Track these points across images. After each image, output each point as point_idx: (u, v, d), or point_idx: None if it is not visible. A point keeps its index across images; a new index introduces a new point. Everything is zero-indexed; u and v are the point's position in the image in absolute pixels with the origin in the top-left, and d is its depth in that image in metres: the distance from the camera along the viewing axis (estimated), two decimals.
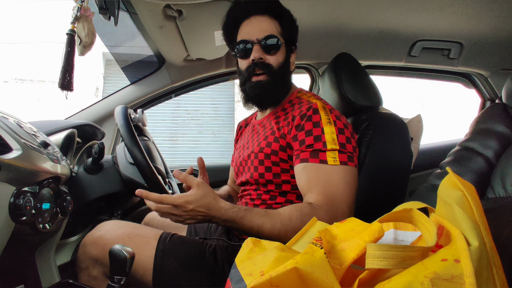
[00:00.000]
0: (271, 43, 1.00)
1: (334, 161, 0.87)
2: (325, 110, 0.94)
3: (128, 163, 1.17)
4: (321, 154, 0.88)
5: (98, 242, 0.88)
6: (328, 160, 0.87)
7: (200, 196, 0.80)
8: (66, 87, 0.98)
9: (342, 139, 0.90)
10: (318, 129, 0.90)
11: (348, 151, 0.89)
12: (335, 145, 0.88)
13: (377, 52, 1.61)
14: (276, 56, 1.02)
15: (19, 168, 0.72)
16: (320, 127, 0.90)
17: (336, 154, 0.88)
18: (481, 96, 1.78)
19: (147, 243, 0.88)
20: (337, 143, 0.89)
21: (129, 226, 0.94)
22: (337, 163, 0.87)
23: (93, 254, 0.88)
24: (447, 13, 1.31)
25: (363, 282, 0.43)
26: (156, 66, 1.66)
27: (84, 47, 1.05)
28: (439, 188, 0.49)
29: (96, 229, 0.92)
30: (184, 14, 1.18)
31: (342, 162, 0.87)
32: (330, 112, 0.94)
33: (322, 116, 0.92)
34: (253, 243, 0.55)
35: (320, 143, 0.89)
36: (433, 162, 1.61)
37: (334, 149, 0.88)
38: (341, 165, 0.87)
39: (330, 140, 0.89)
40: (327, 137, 0.89)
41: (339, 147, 0.88)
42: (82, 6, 1.00)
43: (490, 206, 0.79)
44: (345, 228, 0.52)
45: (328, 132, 0.90)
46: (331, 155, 0.88)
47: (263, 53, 1.00)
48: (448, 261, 0.37)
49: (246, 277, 0.46)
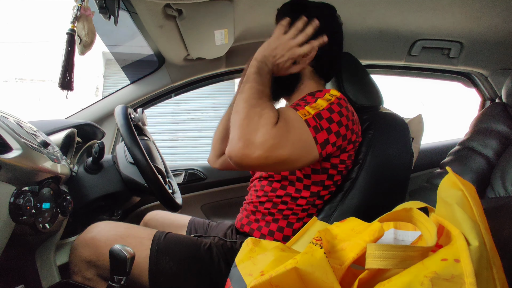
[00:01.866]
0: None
1: (302, 115, 0.81)
2: (336, 95, 0.90)
3: (128, 162, 1.17)
4: (298, 108, 0.84)
5: (90, 244, 0.87)
6: (298, 111, 0.82)
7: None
8: (66, 86, 0.98)
9: (325, 114, 0.83)
10: (312, 99, 0.89)
11: (320, 124, 0.82)
12: (314, 110, 0.83)
13: (377, 51, 1.61)
14: None
15: (19, 167, 0.72)
16: (315, 97, 0.89)
17: (307, 116, 0.81)
18: (481, 95, 1.78)
19: (141, 244, 0.88)
20: (318, 111, 0.83)
21: (122, 226, 0.93)
22: (303, 118, 0.81)
23: (85, 256, 0.87)
24: (447, 13, 1.31)
25: (363, 282, 0.43)
26: (156, 66, 1.66)
27: (84, 46, 1.05)
28: (439, 187, 0.49)
29: (88, 231, 0.91)
30: (184, 14, 1.18)
31: (306, 121, 0.80)
32: (339, 99, 0.89)
33: (326, 95, 0.89)
34: (253, 243, 0.55)
35: (304, 103, 0.87)
36: (433, 162, 1.61)
37: (310, 113, 0.82)
38: (305, 122, 0.80)
39: (313, 106, 0.84)
40: (313, 104, 0.85)
41: (314, 115, 0.82)
42: (82, 6, 1.00)
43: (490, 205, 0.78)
44: (345, 227, 0.52)
45: (318, 102, 0.86)
46: (304, 112, 0.82)
47: None
48: (448, 261, 0.37)
49: (246, 277, 0.46)
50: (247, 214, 1.02)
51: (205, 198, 1.79)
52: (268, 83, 0.86)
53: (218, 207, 1.80)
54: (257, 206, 0.99)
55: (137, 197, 1.51)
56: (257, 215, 0.99)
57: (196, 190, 1.77)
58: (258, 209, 0.99)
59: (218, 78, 1.77)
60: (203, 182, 1.78)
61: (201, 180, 1.78)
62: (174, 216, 1.21)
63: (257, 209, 0.99)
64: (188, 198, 1.73)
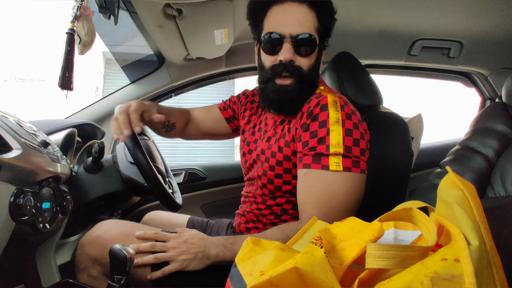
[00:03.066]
0: (306, 44, 0.86)
1: (336, 166, 0.80)
2: (335, 106, 0.84)
3: (128, 162, 1.17)
4: (323, 159, 0.82)
5: (96, 241, 0.87)
6: (330, 166, 0.81)
7: (194, 232, 0.87)
8: (66, 86, 0.98)
9: (348, 142, 0.81)
10: (323, 130, 0.82)
11: (354, 155, 0.81)
12: (339, 149, 0.80)
13: (377, 51, 1.61)
14: (308, 59, 0.88)
15: (19, 167, 0.72)
16: (326, 127, 0.82)
17: (339, 158, 0.81)
18: (481, 95, 1.78)
19: (145, 242, 0.88)
20: (342, 146, 0.80)
21: (127, 225, 0.93)
22: (340, 169, 0.80)
23: (91, 254, 0.87)
24: (447, 12, 1.31)
25: (363, 281, 0.43)
26: (156, 65, 1.66)
27: (84, 46, 1.05)
28: (439, 187, 0.49)
29: (94, 229, 0.91)
30: (184, 13, 1.18)
31: (345, 168, 0.80)
32: (341, 109, 0.84)
33: (331, 114, 0.83)
34: (253, 242, 0.55)
35: (324, 146, 0.82)
36: (433, 161, 1.61)
37: (338, 153, 0.81)
38: (344, 171, 0.80)
39: (334, 143, 0.81)
40: (332, 140, 0.81)
41: (344, 151, 0.80)
42: (82, 5, 1.00)
43: (490, 205, 0.78)
44: (345, 227, 0.52)
45: (334, 133, 0.81)
46: (334, 160, 0.81)
47: (294, 54, 0.86)
48: (448, 260, 0.37)
49: (246, 277, 0.46)
50: (246, 221, 1.02)
51: (205, 198, 1.79)
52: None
53: (218, 206, 1.81)
54: (258, 216, 0.98)
55: (137, 197, 1.51)
56: (257, 224, 0.99)
57: (196, 190, 1.77)
58: (260, 219, 0.98)
59: (218, 78, 1.77)
60: (203, 182, 1.78)
61: (201, 180, 1.78)
62: (173, 216, 1.21)
63: (258, 219, 0.98)
64: (188, 197, 1.73)
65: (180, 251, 0.82)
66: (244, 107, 1.15)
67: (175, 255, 0.82)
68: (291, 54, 0.86)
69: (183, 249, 0.82)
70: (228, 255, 0.83)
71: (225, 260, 0.83)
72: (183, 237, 0.84)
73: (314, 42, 0.87)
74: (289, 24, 0.86)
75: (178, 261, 0.82)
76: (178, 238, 0.84)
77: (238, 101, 1.18)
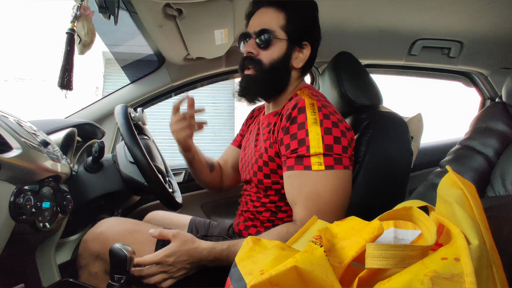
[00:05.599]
0: (263, 38, 0.96)
1: (319, 165, 0.83)
2: (312, 108, 0.87)
3: (128, 162, 1.17)
4: (305, 160, 0.84)
5: (99, 238, 0.89)
6: (312, 166, 0.83)
7: (177, 246, 0.81)
8: (65, 86, 0.98)
9: (328, 140, 0.84)
10: (302, 132, 0.85)
11: (335, 153, 0.84)
12: (319, 149, 0.83)
13: (377, 51, 1.61)
14: (269, 51, 0.97)
15: (19, 167, 0.72)
16: (304, 128, 0.85)
17: (321, 158, 0.83)
18: (481, 95, 1.78)
19: (147, 239, 0.89)
20: (321, 145, 0.83)
21: (130, 222, 0.95)
22: (322, 168, 0.83)
23: (94, 250, 0.89)
24: (447, 12, 1.31)
25: (363, 280, 0.43)
26: (156, 65, 1.66)
27: (84, 46, 1.05)
28: (439, 186, 0.49)
29: (97, 226, 0.93)
30: (184, 13, 1.17)
31: (328, 167, 0.83)
32: (319, 110, 0.87)
33: (308, 116, 0.86)
34: (253, 241, 0.55)
35: (304, 147, 0.84)
36: (433, 161, 1.61)
37: (318, 153, 0.83)
38: (327, 169, 0.83)
39: (314, 144, 0.83)
40: (311, 141, 0.84)
41: (324, 150, 0.83)
42: (82, 5, 1.00)
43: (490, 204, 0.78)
44: (345, 226, 0.52)
45: (313, 134, 0.84)
46: (316, 160, 0.83)
47: (256, 48, 0.97)
48: (448, 259, 0.37)
49: (246, 276, 0.46)
50: (244, 220, 1.03)
51: (205, 197, 1.79)
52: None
53: (218, 206, 1.80)
54: (254, 214, 0.99)
55: (137, 196, 1.51)
56: (255, 222, 1.00)
57: (196, 189, 1.77)
58: (256, 217, 0.99)
59: (218, 77, 1.77)
60: None
61: None
62: (174, 216, 1.21)
63: (255, 217, 0.99)
64: (188, 197, 1.73)
65: (173, 272, 0.82)
66: (248, 123, 1.24)
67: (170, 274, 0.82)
68: (252, 48, 0.97)
69: (175, 269, 0.82)
70: (225, 264, 0.82)
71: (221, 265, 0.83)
72: (170, 258, 0.81)
73: (270, 35, 0.96)
74: (255, 24, 0.99)
75: (175, 276, 0.82)
76: (165, 263, 0.81)
77: (244, 125, 1.27)
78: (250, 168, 1.01)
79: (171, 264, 0.81)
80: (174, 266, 0.81)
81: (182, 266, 0.82)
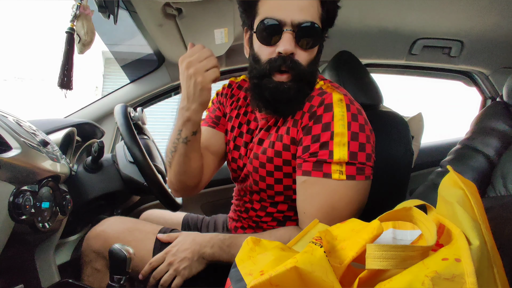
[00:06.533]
0: (309, 34, 0.74)
1: (340, 174, 0.73)
2: (340, 106, 0.75)
3: (128, 161, 1.17)
4: (325, 166, 0.74)
5: (100, 236, 0.91)
6: (332, 174, 0.73)
7: (182, 236, 0.86)
8: (65, 85, 0.98)
9: (354, 147, 0.73)
10: (327, 134, 0.74)
11: (359, 161, 0.74)
12: (344, 156, 0.73)
13: (378, 50, 1.61)
14: (309, 52, 0.76)
15: (18, 167, 0.72)
16: (330, 130, 0.74)
17: (343, 166, 0.73)
18: (482, 94, 1.78)
19: (146, 237, 0.90)
20: (346, 152, 0.73)
21: (130, 221, 0.97)
22: (343, 178, 0.73)
23: (95, 248, 0.90)
24: (448, 11, 1.31)
25: (363, 281, 0.42)
26: (156, 65, 1.65)
27: (83, 45, 1.04)
28: (440, 186, 0.49)
29: (99, 224, 0.95)
30: (184, 13, 1.17)
31: (349, 177, 0.74)
32: (347, 109, 0.75)
33: (336, 115, 0.74)
34: (253, 242, 0.55)
35: (326, 152, 0.73)
36: (434, 161, 1.60)
37: (341, 162, 0.73)
38: (348, 180, 0.74)
39: (339, 150, 0.73)
40: (336, 146, 0.73)
41: (348, 158, 0.73)
42: (82, 4, 1.00)
43: (491, 204, 0.78)
44: (345, 228, 0.52)
45: (338, 137, 0.73)
46: (337, 168, 0.73)
47: (295, 46, 0.74)
48: (449, 260, 0.36)
49: (246, 277, 0.46)
50: (242, 226, 0.97)
51: (205, 197, 1.79)
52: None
53: (218, 206, 1.80)
54: (257, 223, 0.92)
55: (137, 196, 1.51)
56: (257, 230, 0.92)
57: None
58: (259, 225, 0.92)
59: None
60: None
61: None
62: (168, 214, 1.20)
63: (258, 225, 0.92)
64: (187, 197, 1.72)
65: (177, 262, 0.82)
66: (230, 107, 0.98)
67: (176, 269, 0.83)
68: (292, 46, 0.73)
69: (179, 259, 0.82)
70: (225, 257, 0.82)
71: (221, 260, 0.83)
72: (174, 248, 0.84)
73: (319, 32, 0.75)
74: (291, 9, 0.72)
75: (181, 273, 0.83)
76: (170, 253, 0.84)
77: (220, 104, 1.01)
78: (254, 172, 0.87)
79: (174, 254, 0.83)
80: (177, 256, 0.82)
81: (185, 255, 0.82)
